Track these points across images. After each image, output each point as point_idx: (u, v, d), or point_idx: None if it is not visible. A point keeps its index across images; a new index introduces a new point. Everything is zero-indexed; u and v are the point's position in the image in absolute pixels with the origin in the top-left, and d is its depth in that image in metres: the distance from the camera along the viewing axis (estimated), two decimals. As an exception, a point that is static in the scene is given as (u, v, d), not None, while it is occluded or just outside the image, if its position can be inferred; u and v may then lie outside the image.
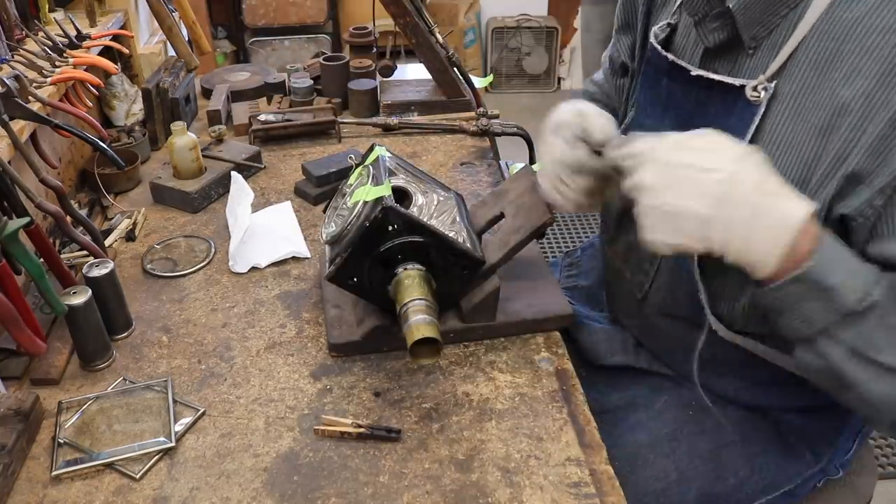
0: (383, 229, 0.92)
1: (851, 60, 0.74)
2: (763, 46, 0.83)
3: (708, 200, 0.72)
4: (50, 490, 0.83)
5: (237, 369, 1.00)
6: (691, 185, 0.73)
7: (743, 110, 0.82)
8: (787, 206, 0.72)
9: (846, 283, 0.72)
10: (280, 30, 4.28)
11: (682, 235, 0.75)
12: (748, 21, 0.82)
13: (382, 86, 1.78)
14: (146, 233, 1.31)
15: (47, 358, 0.99)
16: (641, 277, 1.01)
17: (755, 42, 0.83)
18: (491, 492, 0.82)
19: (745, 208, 0.72)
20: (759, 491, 0.99)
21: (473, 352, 1.02)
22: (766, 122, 0.81)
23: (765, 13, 0.81)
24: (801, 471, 0.99)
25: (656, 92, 0.96)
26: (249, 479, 0.84)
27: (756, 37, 0.83)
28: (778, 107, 0.80)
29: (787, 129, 0.80)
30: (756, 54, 0.84)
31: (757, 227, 0.72)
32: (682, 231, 0.74)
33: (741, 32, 0.83)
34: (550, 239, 3.08)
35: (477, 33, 4.50)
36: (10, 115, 1.04)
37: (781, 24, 0.81)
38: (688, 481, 0.99)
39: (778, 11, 0.80)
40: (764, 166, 0.73)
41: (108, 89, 1.63)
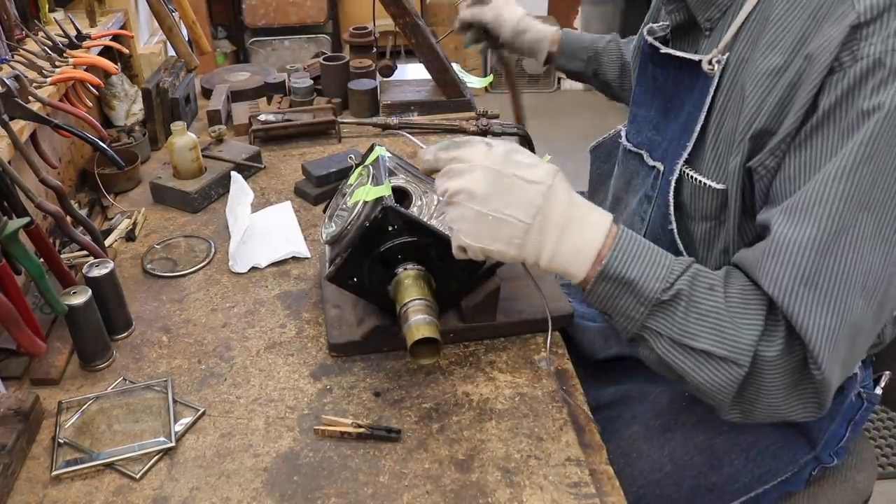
0: (383, 229, 0.92)
1: (772, 34, 0.80)
2: (718, 27, 0.90)
3: (530, 209, 0.78)
4: (50, 490, 0.83)
5: (237, 369, 1.00)
6: (518, 195, 0.78)
7: (702, 85, 0.89)
8: (593, 216, 0.80)
9: (647, 274, 0.78)
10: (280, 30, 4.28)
11: (500, 242, 0.79)
12: (698, 4, 0.90)
13: (382, 86, 1.78)
14: (146, 233, 1.31)
15: (47, 358, 0.99)
16: None
17: (710, 24, 0.91)
18: (491, 492, 0.82)
19: (560, 217, 0.78)
20: (754, 480, 0.99)
21: (473, 352, 1.02)
22: (719, 92, 0.88)
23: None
24: (796, 458, 0.99)
25: (646, 80, 1.04)
26: (249, 479, 0.84)
27: (710, 18, 0.91)
28: (727, 79, 0.87)
29: (730, 99, 0.86)
30: (712, 35, 0.91)
31: (568, 234, 0.78)
32: (501, 238, 0.79)
33: (695, 14, 0.91)
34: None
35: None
36: (10, 115, 1.04)
37: (733, 5, 0.88)
38: (683, 472, 0.99)
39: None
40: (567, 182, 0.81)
41: (108, 89, 1.63)
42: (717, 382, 0.78)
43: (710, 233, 0.92)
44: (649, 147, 1.03)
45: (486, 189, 0.78)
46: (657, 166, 0.99)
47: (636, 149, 1.06)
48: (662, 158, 0.98)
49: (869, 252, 0.73)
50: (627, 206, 1.07)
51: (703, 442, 1.00)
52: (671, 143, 0.96)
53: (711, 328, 0.77)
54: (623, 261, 0.78)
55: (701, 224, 0.93)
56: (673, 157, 0.94)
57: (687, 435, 1.01)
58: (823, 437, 1.00)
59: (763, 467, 0.99)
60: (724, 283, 0.79)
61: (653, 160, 1.01)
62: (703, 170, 0.90)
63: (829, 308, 0.73)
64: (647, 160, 1.03)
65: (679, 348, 0.79)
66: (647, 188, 1.01)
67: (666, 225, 0.95)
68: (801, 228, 0.74)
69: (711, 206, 0.90)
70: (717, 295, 0.78)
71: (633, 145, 1.08)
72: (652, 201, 0.99)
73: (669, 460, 1.00)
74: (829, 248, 0.73)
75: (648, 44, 1.01)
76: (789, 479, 1.00)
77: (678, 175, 0.92)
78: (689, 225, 0.94)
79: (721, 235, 0.91)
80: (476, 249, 0.80)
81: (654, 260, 0.79)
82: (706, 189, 0.89)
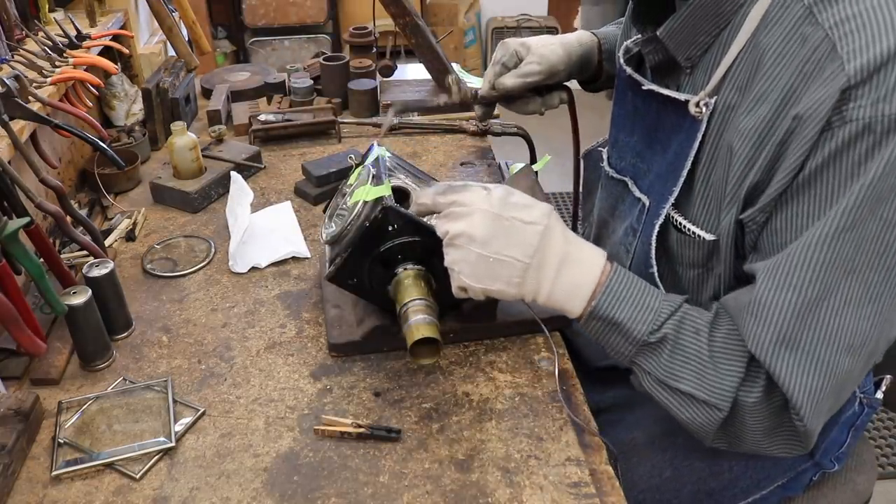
0: (383, 229, 0.92)
1: (760, 86, 0.76)
2: (699, 65, 0.86)
3: (528, 249, 0.80)
4: (50, 490, 0.83)
5: (237, 369, 1.00)
6: (516, 236, 0.80)
7: (690, 126, 0.84)
8: (586, 252, 0.82)
9: (635, 317, 0.80)
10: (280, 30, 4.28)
11: (500, 282, 0.81)
12: (678, 44, 0.86)
13: (382, 86, 1.78)
14: (146, 233, 1.31)
15: (47, 358, 0.99)
16: None
17: (690, 62, 0.86)
18: (491, 492, 0.82)
19: (556, 256, 0.81)
20: (753, 485, 0.99)
21: (473, 352, 1.02)
22: (706, 139, 0.83)
23: (693, 35, 0.84)
24: (795, 464, 0.99)
25: (625, 105, 1.00)
26: (249, 479, 0.84)
27: (690, 57, 0.86)
28: (713, 125, 0.83)
29: (717, 150, 0.83)
30: (694, 73, 0.87)
31: (565, 271, 0.81)
32: (501, 278, 0.81)
33: (674, 55, 0.87)
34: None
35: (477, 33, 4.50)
36: (10, 115, 1.04)
37: (714, 44, 0.84)
38: (683, 477, 0.99)
39: (708, 31, 0.83)
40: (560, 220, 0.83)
41: (108, 89, 1.63)
42: (699, 422, 0.81)
43: (699, 279, 0.91)
44: (633, 174, 0.99)
45: (486, 232, 0.80)
46: (643, 200, 0.96)
47: (619, 175, 1.03)
48: (648, 192, 0.95)
49: (854, 314, 0.73)
50: (614, 233, 1.04)
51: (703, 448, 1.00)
52: (657, 178, 0.92)
53: (694, 372, 0.79)
54: (612, 303, 0.81)
55: (689, 270, 0.91)
56: (659, 199, 0.90)
57: (687, 440, 1.00)
58: (823, 444, 0.99)
59: (762, 472, 0.99)
60: (711, 327, 0.80)
61: (639, 191, 0.97)
62: (692, 216, 0.87)
63: (813, 369, 0.74)
64: (633, 189, 0.99)
65: (663, 387, 0.82)
66: (633, 220, 0.97)
67: (647, 267, 0.92)
68: (782, 292, 0.74)
69: (699, 255, 0.88)
70: (701, 340, 0.80)
71: (615, 171, 1.04)
72: (637, 235, 0.95)
73: (669, 465, 1.00)
74: (811, 312, 0.73)
75: (628, 75, 0.96)
76: (788, 485, 1.00)
77: (664, 219, 0.88)
78: (677, 269, 0.92)
79: (710, 282, 0.89)
80: (477, 290, 0.83)
81: (643, 302, 0.81)
82: (695, 239, 0.87)
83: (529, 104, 1.25)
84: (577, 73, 1.27)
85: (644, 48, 0.91)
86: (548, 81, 1.22)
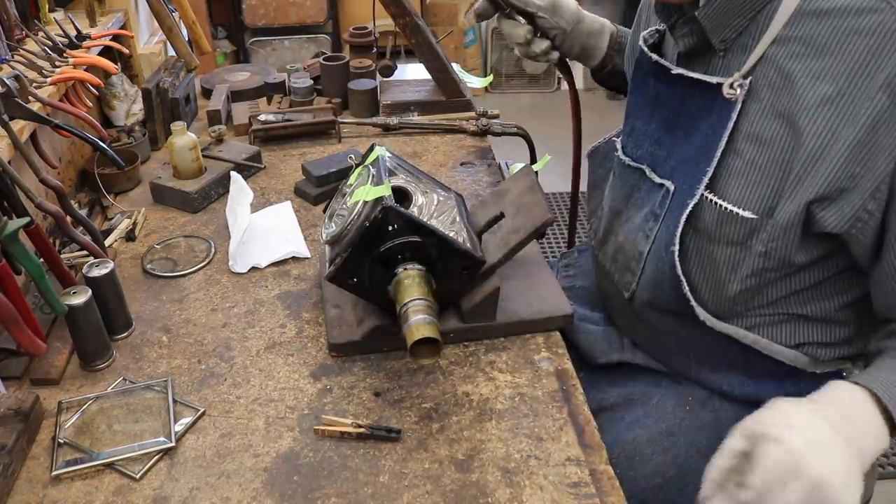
0: (383, 229, 0.92)
1: (819, 62, 0.78)
2: (733, 48, 0.88)
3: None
4: (50, 490, 0.83)
5: (237, 369, 1.00)
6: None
7: (721, 108, 0.86)
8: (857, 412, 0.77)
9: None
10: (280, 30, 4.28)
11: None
12: (714, 27, 0.87)
13: (382, 86, 1.78)
14: (146, 233, 1.31)
15: (47, 358, 0.99)
16: (629, 277, 1.03)
17: (724, 45, 0.88)
18: (491, 492, 0.82)
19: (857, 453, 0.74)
20: None
21: (473, 352, 1.02)
22: (743, 119, 0.86)
23: (729, 17, 0.85)
24: None
25: (645, 93, 1.01)
26: (249, 479, 0.84)
27: (725, 39, 0.87)
28: (753, 105, 0.85)
29: (762, 127, 0.84)
30: (727, 56, 0.89)
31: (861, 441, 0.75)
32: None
33: (710, 37, 0.88)
34: (550, 239, 3.08)
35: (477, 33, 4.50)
36: (10, 115, 1.04)
37: (749, 27, 0.85)
38: (686, 476, 0.99)
39: (743, 14, 0.85)
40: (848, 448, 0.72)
41: (108, 89, 1.63)
42: None
43: (735, 257, 0.91)
44: (651, 162, 1.00)
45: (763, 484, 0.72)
46: (666, 185, 0.96)
47: (636, 163, 1.03)
48: (672, 177, 0.96)
49: None
50: (629, 220, 1.05)
51: (707, 447, 1.00)
52: (684, 163, 0.93)
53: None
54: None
55: (725, 248, 0.91)
56: (691, 181, 0.91)
57: (691, 439, 1.00)
58: None
59: None
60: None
61: (659, 177, 0.98)
62: (729, 196, 0.88)
63: None
64: (652, 176, 1.00)
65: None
66: (654, 206, 0.98)
67: (669, 246, 0.93)
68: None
69: (739, 232, 0.88)
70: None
71: (631, 159, 1.04)
72: (659, 220, 0.96)
73: (673, 465, 1.00)
74: None
75: (654, 61, 0.97)
76: None
77: (697, 200, 0.89)
78: (711, 248, 0.92)
79: (746, 261, 0.90)
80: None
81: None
82: (734, 217, 0.88)
83: (517, 28, 1.20)
84: (578, 48, 1.25)
85: (678, 31, 0.91)
86: (547, 23, 1.20)
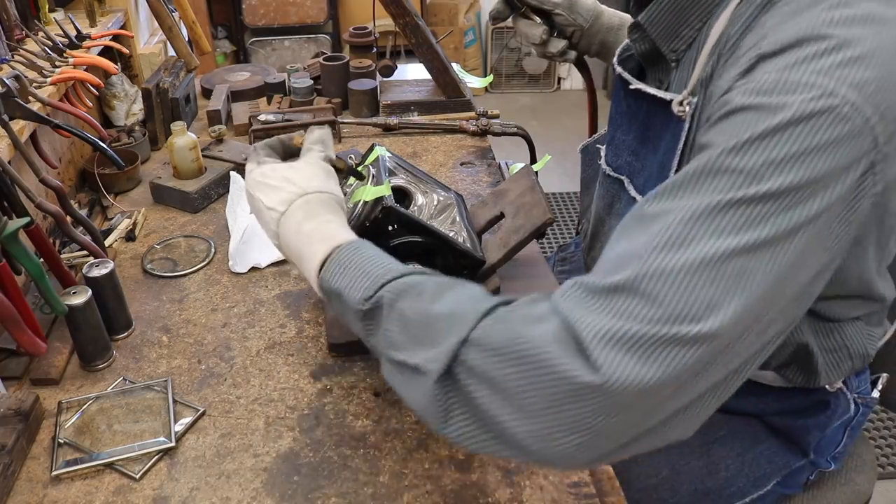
0: (383, 229, 0.92)
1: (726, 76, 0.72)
2: (685, 60, 0.83)
3: (271, 233, 0.83)
4: (50, 490, 0.83)
5: (237, 369, 1.00)
6: (262, 218, 0.84)
7: (675, 126, 0.82)
8: (313, 249, 0.78)
9: (353, 286, 0.72)
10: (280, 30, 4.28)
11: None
12: (661, 34, 0.83)
13: (382, 86, 1.78)
14: (146, 233, 1.31)
15: (47, 358, 0.99)
16: None
17: (676, 55, 0.84)
18: (491, 492, 0.82)
19: (292, 247, 0.81)
20: (750, 484, 0.99)
21: (473, 352, 1.02)
22: (690, 134, 0.81)
23: (677, 25, 0.81)
24: (790, 462, 0.99)
25: (620, 104, 0.99)
26: (249, 479, 0.84)
27: (676, 49, 0.83)
28: (700, 120, 0.79)
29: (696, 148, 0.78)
30: (680, 67, 0.84)
31: (301, 262, 0.80)
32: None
33: (658, 45, 0.84)
34: (550, 238, 3.08)
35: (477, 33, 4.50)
36: (10, 115, 1.04)
37: (698, 38, 0.80)
38: (680, 477, 0.99)
39: (690, 24, 0.80)
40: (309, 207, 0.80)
41: (108, 89, 1.63)
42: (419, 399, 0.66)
43: None
44: (629, 173, 0.99)
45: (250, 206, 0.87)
46: (638, 200, 0.94)
47: (616, 174, 1.02)
48: (643, 191, 0.94)
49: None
50: (612, 230, 1.02)
51: (700, 447, 1.00)
52: (650, 179, 0.91)
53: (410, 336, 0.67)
54: (335, 273, 0.74)
55: None
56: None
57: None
58: (816, 444, 0.99)
59: (758, 472, 0.99)
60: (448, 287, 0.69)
61: (634, 189, 0.97)
62: None
63: None
64: (629, 188, 0.98)
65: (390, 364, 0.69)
66: None
67: None
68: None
69: None
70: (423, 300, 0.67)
71: (612, 169, 1.03)
72: None
73: (666, 465, 1.00)
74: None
75: (618, 73, 0.95)
76: (785, 482, 1.00)
77: None
78: None
79: None
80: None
81: (365, 271, 0.72)
82: None
83: (533, 28, 1.16)
84: (598, 45, 1.23)
85: (630, 35, 0.87)
86: (565, 20, 1.16)
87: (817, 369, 0.90)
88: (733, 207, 0.58)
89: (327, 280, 0.75)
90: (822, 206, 0.58)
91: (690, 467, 1.00)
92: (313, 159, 0.87)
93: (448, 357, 0.61)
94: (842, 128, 0.57)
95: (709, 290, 0.56)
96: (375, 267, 0.73)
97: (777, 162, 0.58)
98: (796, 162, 0.57)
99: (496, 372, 0.59)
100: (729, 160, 0.59)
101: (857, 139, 0.58)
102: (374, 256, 0.74)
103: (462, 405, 0.62)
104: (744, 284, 0.57)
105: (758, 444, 0.99)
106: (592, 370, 0.55)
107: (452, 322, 0.63)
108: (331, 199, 0.82)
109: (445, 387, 0.62)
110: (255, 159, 0.89)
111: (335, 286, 0.74)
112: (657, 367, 0.55)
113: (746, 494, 0.99)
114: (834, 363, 0.91)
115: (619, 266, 0.60)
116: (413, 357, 0.65)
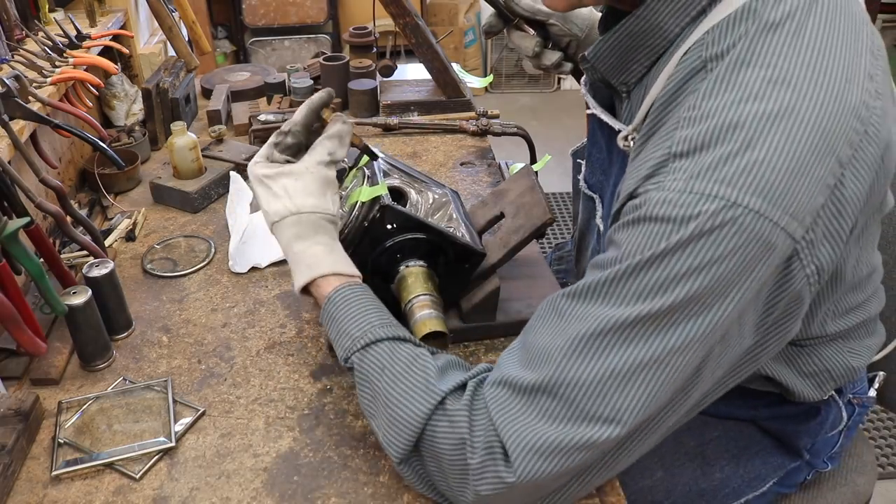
0: (382, 228, 0.92)
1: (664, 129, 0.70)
2: (634, 93, 0.81)
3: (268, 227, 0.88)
4: (50, 490, 0.83)
5: (237, 369, 1.00)
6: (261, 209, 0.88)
7: (622, 157, 0.81)
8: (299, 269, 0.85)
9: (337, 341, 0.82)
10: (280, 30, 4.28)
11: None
12: (608, 69, 0.81)
13: (382, 86, 1.78)
14: (146, 233, 1.31)
15: (47, 358, 0.99)
16: None
17: (626, 88, 0.82)
18: (491, 492, 0.82)
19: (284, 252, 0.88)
20: (745, 485, 0.99)
21: (473, 352, 1.02)
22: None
23: (625, 61, 0.79)
24: (786, 463, 0.99)
25: (591, 123, 0.98)
26: (249, 479, 0.84)
27: (626, 82, 0.81)
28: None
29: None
30: (630, 100, 0.83)
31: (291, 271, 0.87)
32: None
33: (607, 78, 0.82)
34: (550, 238, 3.08)
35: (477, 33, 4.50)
36: (10, 115, 1.04)
37: (648, 75, 0.79)
38: (674, 478, 0.99)
39: (639, 61, 0.78)
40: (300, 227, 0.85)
41: (108, 89, 1.63)
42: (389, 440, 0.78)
43: None
44: (601, 192, 0.98)
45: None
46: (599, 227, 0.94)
47: (590, 192, 1.01)
48: (604, 217, 0.93)
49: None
50: (590, 246, 1.03)
51: (694, 448, 1.00)
52: (609, 204, 0.90)
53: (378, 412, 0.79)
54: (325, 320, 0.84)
55: None
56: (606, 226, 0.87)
57: (678, 440, 1.00)
58: (810, 445, 0.99)
59: (753, 472, 0.99)
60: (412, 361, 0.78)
61: (600, 213, 0.95)
62: None
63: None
64: (598, 208, 0.97)
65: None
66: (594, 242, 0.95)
67: None
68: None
69: None
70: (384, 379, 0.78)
71: (588, 187, 1.02)
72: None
73: (660, 466, 1.00)
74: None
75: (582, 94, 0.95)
76: (781, 482, 1.00)
77: None
78: None
79: None
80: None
81: (346, 331, 0.82)
82: None
83: (526, 40, 1.12)
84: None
85: (582, 65, 0.85)
86: (559, 30, 1.14)
87: (797, 390, 0.88)
88: (641, 321, 0.63)
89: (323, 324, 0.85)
90: (730, 307, 0.63)
91: (685, 468, 1.00)
92: (318, 161, 0.87)
93: (403, 454, 0.75)
94: (744, 236, 0.60)
95: (618, 398, 0.64)
96: (354, 327, 0.81)
97: (682, 275, 0.62)
98: (700, 272, 0.61)
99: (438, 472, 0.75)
100: (638, 275, 0.63)
101: (762, 242, 0.61)
102: (356, 313, 0.82)
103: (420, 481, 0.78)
104: (652, 391, 0.64)
105: (752, 445, 0.99)
106: (512, 474, 0.67)
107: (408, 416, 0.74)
108: (322, 219, 0.86)
109: (401, 464, 0.77)
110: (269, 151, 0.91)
111: (329, 336, 0.84)
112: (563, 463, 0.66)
113: (742, 495, 0.99)
114: (815, 385, 0.88)
115: (539, 362, 0.68)
116: (379, 431, 0.77)
